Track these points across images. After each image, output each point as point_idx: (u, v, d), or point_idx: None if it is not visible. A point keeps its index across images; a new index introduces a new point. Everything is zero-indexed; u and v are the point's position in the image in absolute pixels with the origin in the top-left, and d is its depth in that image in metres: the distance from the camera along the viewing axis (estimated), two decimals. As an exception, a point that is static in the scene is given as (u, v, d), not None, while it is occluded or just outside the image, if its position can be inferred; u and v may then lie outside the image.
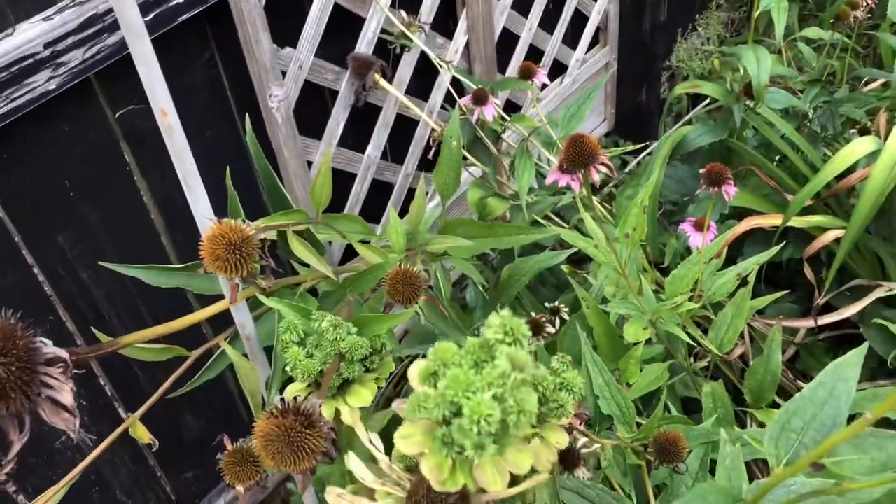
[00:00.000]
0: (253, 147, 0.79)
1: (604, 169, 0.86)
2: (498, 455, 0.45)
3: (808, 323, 1.63)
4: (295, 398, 0.57)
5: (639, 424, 1.07)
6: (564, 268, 1.61)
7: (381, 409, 1.16)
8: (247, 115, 0.82)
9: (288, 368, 0.72)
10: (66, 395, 0.49)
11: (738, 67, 1.55)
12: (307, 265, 0.84)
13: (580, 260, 2.03)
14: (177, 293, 1.40)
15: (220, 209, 0.79)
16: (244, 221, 0.65)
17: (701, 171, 1.05)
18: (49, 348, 0.49)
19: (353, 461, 0.58)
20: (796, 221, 1.53)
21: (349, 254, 1.65)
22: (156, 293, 1.36)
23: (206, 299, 0.84)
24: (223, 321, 0.93)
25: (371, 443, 0.59)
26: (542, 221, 1.33)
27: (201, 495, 1.69)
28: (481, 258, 1.80)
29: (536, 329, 1.25)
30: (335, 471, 0.90)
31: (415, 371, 0.48)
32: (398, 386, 1.82)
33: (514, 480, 0.67)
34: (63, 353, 0.49)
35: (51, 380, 0.48)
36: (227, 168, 0.78)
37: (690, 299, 1.18)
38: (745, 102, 1.55)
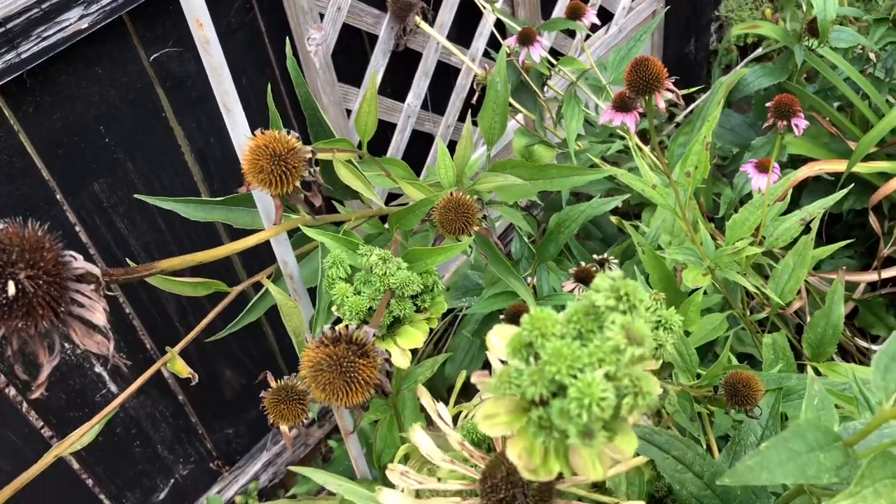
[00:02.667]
0: (293, 72, 0.74)
1: (670, 95, 0.80)
2: (611, 441, 0.38)
3: (871, 276, 1.55)
4: (346, 326, 0.52)
5: (698, 375, 1.01)
6: (613, 219, 1.55)
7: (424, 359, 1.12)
8: (287, 39, 0.77)
9: (334, 308, 0.67)
10: (99, 314, 0.45)
11: (800, 4, 1.46)
12: (343, 205, 0.80)
13: (626, 213, 1.97)
14: (216, 243, 1.38)
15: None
16: (289, 132, 0.61)
17: (768, 104, 0.98)
18: (79, 262, 0.45)
19: (419, 435, 0.53)
20: (860, 167, 1.44)
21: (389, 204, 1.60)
22: (192, 242, 1.34)
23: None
24: (259, 268, 0.89)
25: (439, 416, 0.53)
26: (595, 164, 1.27)
27: (242, 452, 1.67)
28: (525, 210, 1.75)
29: (587, 279, 1.20)
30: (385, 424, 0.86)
31: (497, 338, 0.41)
32: (439, 343, 1.78)
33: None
34: (94, 269, 0.45)
35: (82, 297, 0.44)
36: (269, 86, 0.73)
37: (751, 244, 1.12)
38: (807, 43, 1.46)
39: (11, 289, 0.41)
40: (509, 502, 0.46)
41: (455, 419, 0.67)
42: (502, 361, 0.39)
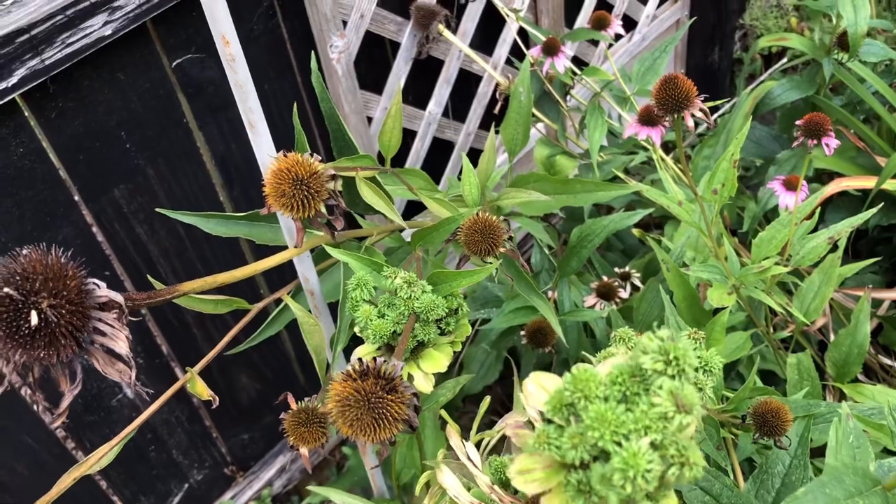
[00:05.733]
0: (318, 87, 0.73)
1: (699, 114, 0.78)
2: None
3: (896, 294, 1.52)
4: (374, 359, 0.50)
5: (724, 397, 0.99)
6: (635, 232, 1.53)
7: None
8: (312, 54, 0.76)
9: (357, 329, 0.66)
10: (122, 343, 0.44)
11: (830, 16, 1.43)
12: (362, 217, 0.79)
13: (646, 225, 1.95)
14: (235, 250, 1.37)
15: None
16: (312, 155, 0.59)
17: (798, 122, 0.96)
18: (103, 291, 0.44)
19: (446, 476, 0.51)
20: (887, 184, 1.42)
21: (407, 215, 1.59)
22: (212, 251, 1.33)
23: (266, 255, 0.79)
24: (280, 282, 0.88)
25: (468, 457, 0.52)
26: (619, 178, 1.25)
27: (256, 458, 1.67)
28: (544, 220, 1.73)
29: (609, 293, 1.18)
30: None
31: (534, 387, 0.39)
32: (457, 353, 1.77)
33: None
34: (118, 297, 0.44)
35: (104, 326, 0.44)
36: (295, 106, 0.72)
37: (777, 263, 1.10)
38: (836, 56, 1.43)
39: (34, 319, 0.40)
40: None
41: (476, 445, 0.65)
42: (537, 411, 0.37)
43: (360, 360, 0.50)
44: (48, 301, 0.41)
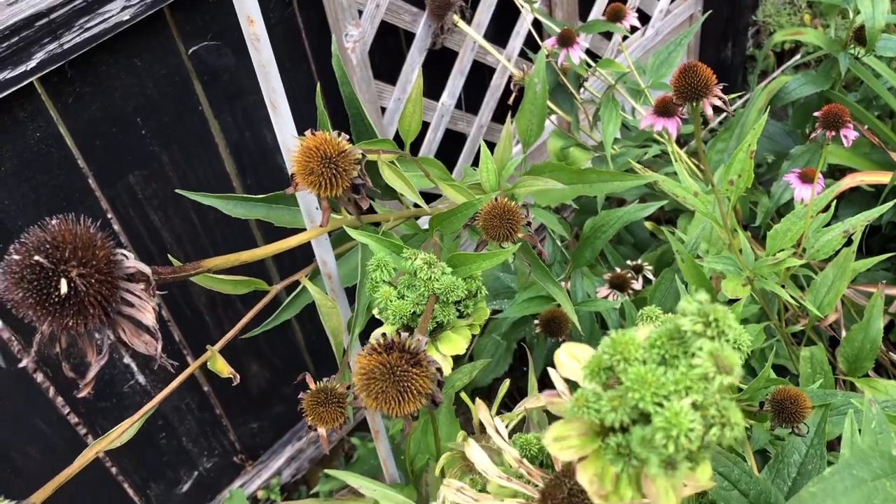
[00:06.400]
0: (338, 71, 0.73)
1: (718, 102, 0.78)
2: (690, 472, 0.36)
3: (909, 290, 1.52)
4: (398, 332, 0.51)
5: (739, 388, 0.99)
6: (647, 225, 1.53)
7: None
8: (333, 39, 0.76)
9: (376, 311, 0.66)
10: (149, 314, 0.44)
11: (844, 12, 1.43)
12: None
13: (657, 220, 1.94)
14: (247, 237, 1.37)
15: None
16: (339, 134, 0.60)
17: (817, 113, 0.96)
18: (131, 262, 0.44)
19: (474, 451, 0.51)
20: (902, 180, 1.41)
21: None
22: (224, 238, 1.33)
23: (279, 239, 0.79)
24: (292, 269, 0.88)
25: (497, 431, 0.52)
26: (634, 170, 1.25)
27: (265, 446, 1.67)
28: (556, 212, 1.73)
29: (622, 284, 1.18)
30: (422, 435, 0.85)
31: (566, 357, 0.40)
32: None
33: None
34: (146, 269, 0.44)
35: (132, 297, 0.44)
36: (318, 87, 0.72)
37: (792, 256, 1.10)
38: (852, 51, 1.43)
39: (64, 287, 0.41)
40: None
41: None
42: (567, 381, 0.38)
43: (383, 334, 0.50)
44: (77, 270, 0.41)
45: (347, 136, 0.59)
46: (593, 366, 0.36)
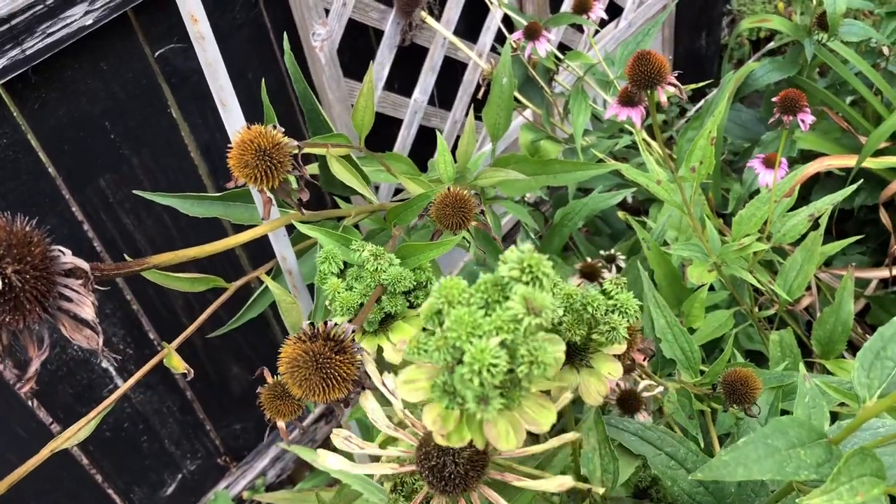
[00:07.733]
0: (291, 67, 0.74)
1: (672, 89, 0.79)
2: (508, 410, 0.40)
3: (883, 273, 1.53)
4: (324, 322, 0.52)
5: (702, 372, 1.00)
6: (620, 214, 1.54)
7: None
8: (285, 36, 0.76)
9: (326, 302, 0.67)
10: (87, 308, 0.45)
11: (810, -2, 1.44)
12: (349, 201, 0.79)
13: (635, 209, 1.96)
14: (221, 236, 1.38)
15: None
16: (275, 127, 0.60)
17: (774, 98, 0.97)
18: (68, 258, 0.45)
19: (368, 401, 0.54)
20: (871, 163, 1.43)
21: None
22: (198, 238, 1.34)
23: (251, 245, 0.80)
24: (266, 261, 0.89)
25: (384, 384, 0.54)
26: (601, 160, 1.26)
27: (249, 447, 1.68)
28: (534, 207, 1.74)
29: (593, 274, 1.19)
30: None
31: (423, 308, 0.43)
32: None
33: (537, 438, 0.61)
34: (83, 264, 0.45)
35: (70, 292, 0.44)
36: (262, 80, 0.73)
37: (758, 241, 1.11)
38: (817, 37, 1.44)
39: (-2, 283, 0.41)
40: (440, 470, 0.48)
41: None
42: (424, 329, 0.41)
43: (311, 323, 0.52)
44: (13, 266, 0.42)
45: (283, 129, 0.60)
46: (427, 310, 0.40)
